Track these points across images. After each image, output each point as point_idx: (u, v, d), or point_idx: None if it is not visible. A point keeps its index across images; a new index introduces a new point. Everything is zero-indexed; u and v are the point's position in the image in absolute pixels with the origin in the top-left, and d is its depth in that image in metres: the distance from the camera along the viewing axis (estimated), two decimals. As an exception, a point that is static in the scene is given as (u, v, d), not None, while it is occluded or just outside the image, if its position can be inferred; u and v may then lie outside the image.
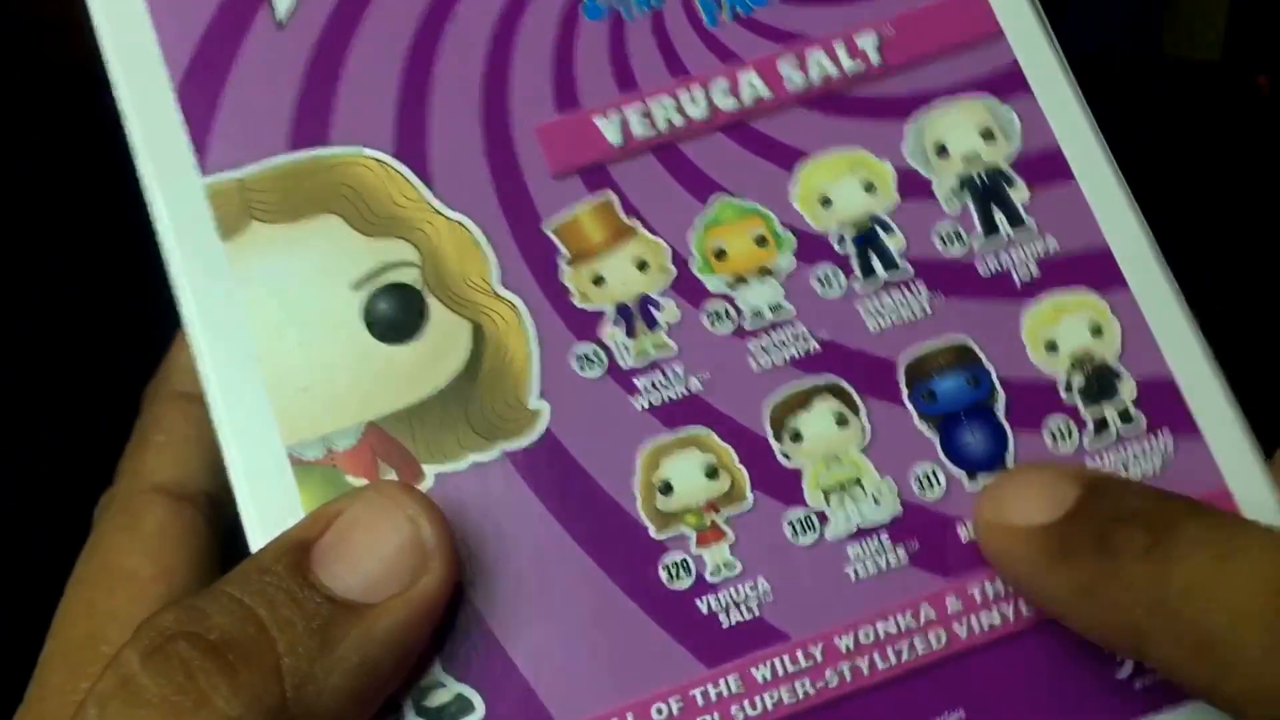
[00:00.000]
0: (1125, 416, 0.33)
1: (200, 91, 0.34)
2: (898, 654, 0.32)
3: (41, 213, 0.59)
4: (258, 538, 0.31)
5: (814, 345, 0.33)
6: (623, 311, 0.33)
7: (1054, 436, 0.33)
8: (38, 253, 0.58)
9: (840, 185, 0.34)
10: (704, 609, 0.31)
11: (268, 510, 0.31)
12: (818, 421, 0.33)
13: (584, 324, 0.33)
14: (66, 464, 0.57)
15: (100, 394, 0.58)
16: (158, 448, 0.36)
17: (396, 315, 0.33)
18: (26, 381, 0.58)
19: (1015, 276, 0.34)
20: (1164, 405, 0.33)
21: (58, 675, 0.34)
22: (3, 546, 0.57)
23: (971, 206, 0.34)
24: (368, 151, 0.34)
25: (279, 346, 0.32)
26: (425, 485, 0.32)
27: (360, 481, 0.32)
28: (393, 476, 0.32)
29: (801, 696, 0.31)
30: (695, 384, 0.33)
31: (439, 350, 0.33)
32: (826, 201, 0.34)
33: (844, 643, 0.31)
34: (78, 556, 0.37)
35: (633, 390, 0.33)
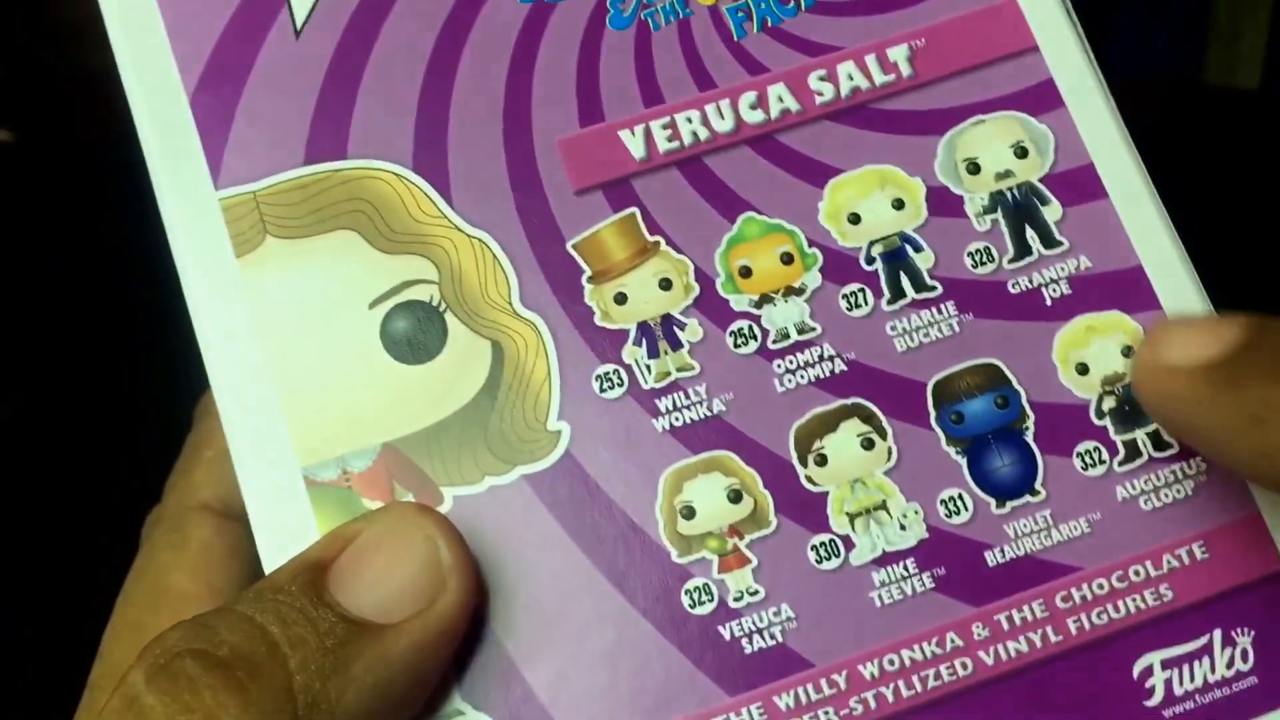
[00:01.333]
0: (1158, 441, 0.34)
1: (215, 102, 0.35)
2: (923, 682, 0.32)
3: (41, 213, 0.60)
4: (271, 559, 0.32)
5: (840, 366, 0.34)
6: (645, 331, 0.34)
7: (1084, 461, 0.34)
8: (38, 253, 0.59)
9: (869, 202, 0.35)
10: (726, 635, 0.32)
11: (281, 531, 0.32)
12: (844, 444, 0.33)
13: (606, 343, 0.34)
14: (66, 464, 0.58)
15: (99, 394, 0.59)
16: (207, 464, 0.37)
17: (414, 334, 0.33)
18: (27, 381, 0.59)
19: (1046, 296, 0.35)
20: (1197, 430, 0.34)
21: (105, 697, 0.35)
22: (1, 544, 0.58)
23: (1003, 224, 0.35)
24: (386, 165, 0.35)
25: (294, 365, 0.33)
26: (443, 508, 0.33)
27: (376, 504, 0.32)
28: (410, 499, 0.33)
29: (825, 725, 0.32)
30: (718, 405, 0.34)
31: (457, 370, 0.33)
32: (855, 218, 0.35)
33: (868, 670, 0.32)
34: (76, 563, 0.38)
35: (654, 411, 0.33)
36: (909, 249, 0.35)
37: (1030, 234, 0.35)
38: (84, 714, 0.35)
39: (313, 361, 0.33)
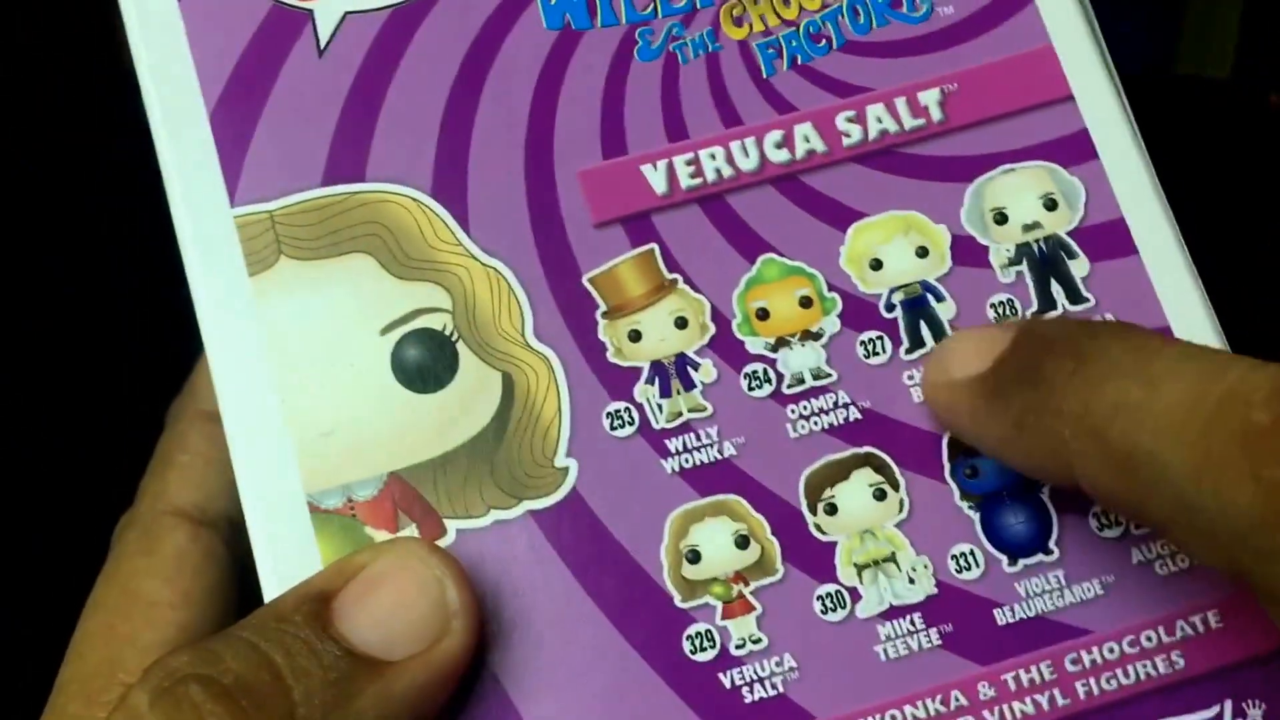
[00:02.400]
0: (1176, 505, 0.34)
1: (234, 118, 0.36)
2: (925, 740, 0.33)
3: (41, 213, 0.61)
4: (271, 585, 0.33)
5: (855, 414, 0.35)
6: (658, 369, 0.35)
7: (1100, 522, 0.34)
8: (38, 253, 0.60)
9: (892, 248, 0.36)
10: (727, 683, 0.33)
11: (283, 558, 0.33)
12: (855, 494, 0.34)
13: (618, 381, 0.35)
14: (66, 464, 0.59)
15: (100, 395, 0.59)
16: (181, 468, 0.38)
17: (425, 363, 0.34)
18: (26, 382, 0.59)
19: (1069, 352, 0.35)
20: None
21: (75, 703, 0.35)
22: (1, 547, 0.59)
23: (1028, 277, 0.36)
24: (404, 189, 0.36)
25: (303, 390, 0.34)
26: (446, 541, 0.33)
27: (380, 534, 0.33)
28: (414, 531, 0.34)
29: (823, 779, 0.33)
30: (729, 448, 0.34)
31: (467, 401, 0.34)
32: (877, 264, 0.36)
33: (870, 726, 0.33)
34: (76, 564, 0.38)
35: (664, 452, 0.34)
36: (931, 298, 0.36)
37: (1056, 288, 0.36)
38: (50, 716, 0.36)
39: (321, 386, 0.34)
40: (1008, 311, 0.35)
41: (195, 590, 0.37)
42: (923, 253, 0.36)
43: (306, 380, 0.34)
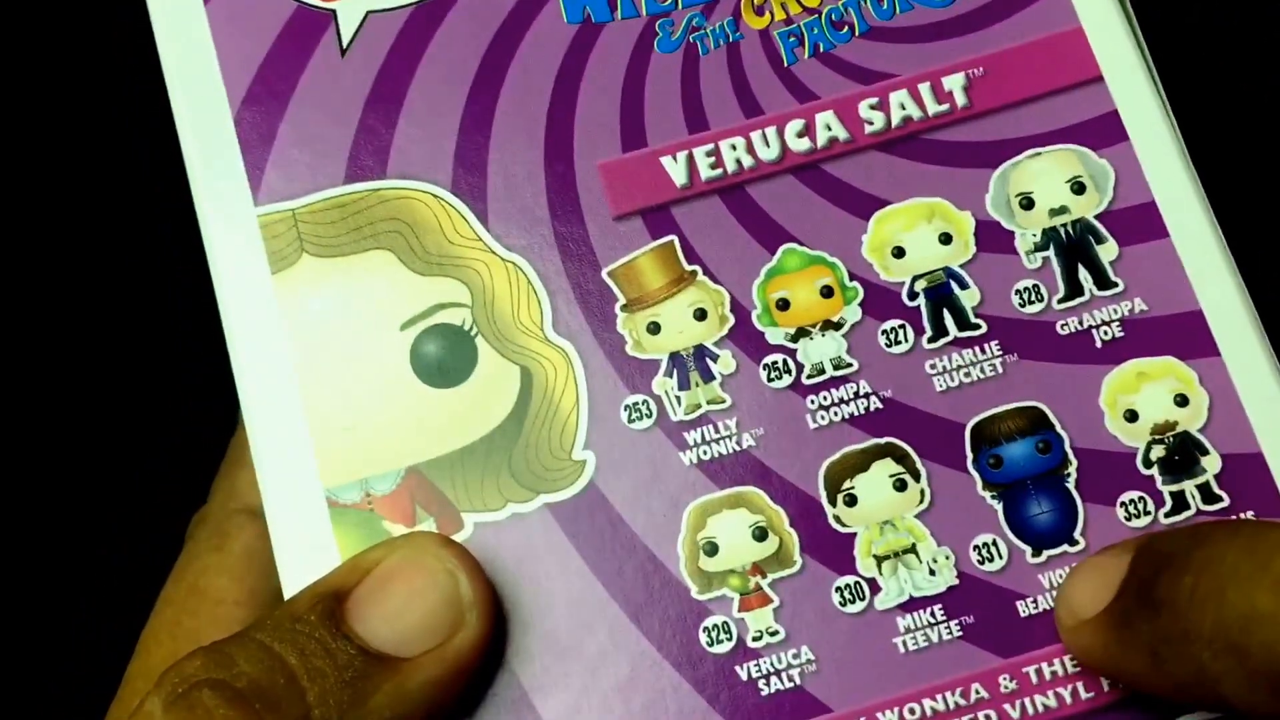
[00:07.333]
0: (1207, 494, 0.34)
1: (258, 119, 0.37)
2: (947, 732, 0.33)
3: (43, 213, 0.62)
4: (290, 580, 0.34)
5: (876, 404, 0.35)
6: (677, 361, 0.35)
7: (1128, 512, 0.34)
8: (38, 253, 0.61)
9: (915, 235, 0.36)
10: (743, 675, 0.34)
11: (302, 552, 0.34)
12: (875, 485, 0.35)
13: (636, 373, 0.35)
14: (143, 463, 0.61)
15: (175, 396, 0.61)
16: (252, 468, 0.40)
17: (444, 358, 0.35)
18: (104, 382, 0.61)
19: (1097, 338, 0.35)
20: (1250, 483, 0.34)
21: (138, 698, 0.37)
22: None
23: (1055, 262, 0.36)
24: (424, 186, 0.36)
25: (323, 385, 0.35)
26: (463, 535, 0.34)
27: (398, 528, 0.34)
28: (431, 525, 0.34)
29: (841, 771, 0.33)
30: (748, 440, 0.35)
31: (485, 396, 0.35)
32: (899, 252, 0.36)
33: (887, 718, 0.33)
34: (151, 559, 0.40)
35: (682, 444, 0.35)
36: (954, 285, 0.36)
37: (1083, 273, 0.36)
38: (116, 708, 0.38)
39: (342, 382, 0.35)
40: (1033, 297, 0.35)
41: (262, 588, 0.38)
42: (946, 239, 0.36)
43: (326, 376, 0.35)
